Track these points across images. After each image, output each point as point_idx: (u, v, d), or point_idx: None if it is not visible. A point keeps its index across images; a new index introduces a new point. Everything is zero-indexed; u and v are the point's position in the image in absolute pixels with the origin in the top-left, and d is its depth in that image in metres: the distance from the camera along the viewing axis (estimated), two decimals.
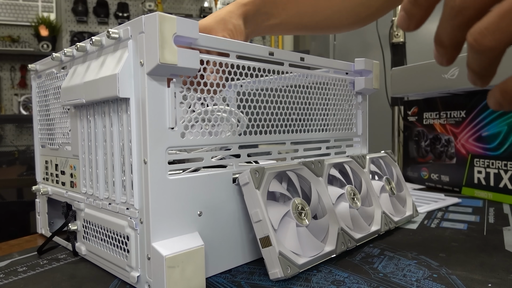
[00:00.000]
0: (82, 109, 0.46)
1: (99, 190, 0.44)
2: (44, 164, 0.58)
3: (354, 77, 0.60)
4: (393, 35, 1.24)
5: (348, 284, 0.40)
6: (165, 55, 0.35)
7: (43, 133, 0.58)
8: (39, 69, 0.58)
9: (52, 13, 2.90)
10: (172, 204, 0.38)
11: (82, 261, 0.48)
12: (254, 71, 0.45)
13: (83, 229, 0.48)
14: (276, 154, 0.49)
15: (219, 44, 0.41)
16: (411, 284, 0.39)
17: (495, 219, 0.64)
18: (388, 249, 0.50)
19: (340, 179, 0.53)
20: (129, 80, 0.37)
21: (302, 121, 0.51)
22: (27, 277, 0.43)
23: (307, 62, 0.52)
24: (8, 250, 0.53)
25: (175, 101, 0.38)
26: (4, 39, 2.78)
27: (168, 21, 0.35)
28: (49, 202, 0.57)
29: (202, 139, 0.41)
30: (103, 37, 0.41)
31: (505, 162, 0.76)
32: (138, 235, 0.38)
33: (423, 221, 0.64)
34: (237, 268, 0.44)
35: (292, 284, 0.40)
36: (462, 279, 0.40)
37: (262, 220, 0.41)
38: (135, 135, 0.37)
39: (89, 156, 0.46)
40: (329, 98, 0.56)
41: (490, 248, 0.50)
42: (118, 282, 0.41)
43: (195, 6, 3.15)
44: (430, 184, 0.94)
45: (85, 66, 0.44)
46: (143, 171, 0.37)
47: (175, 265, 0.36)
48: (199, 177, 0.40)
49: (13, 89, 2.84)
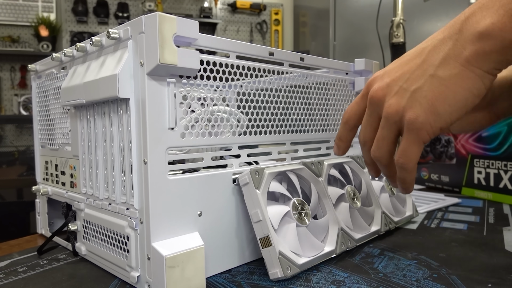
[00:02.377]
0: (82, 110, 0.46)
1: (99, 190, 0.44)
2: (44, 165, 0.58)
3: (354, 77, 0.60)
4: (393, 35, 1.24)
5: (348, 284, 0.40)
6: (165, 55, 0.35)
7: (43, 134, 0.58)
8: (39, 70, 0.58)
9: (52, 13, 2.90)
10: (172, 204, 0.38)
11: (82, 261, 0.48)
12: (254, 71, 0.45)
13: (83, 229, 0.48)
14: (276, 155, 0.49)
15: (219, 44, 0.41)
16: (411, 284, 0.39)
17: (495, 219, 0.64)
18: (388, 249, 0.50)
19: (340, 179, 0.53)
20: (129, 80, 0.37)
21: (302, 121, 0.51)
22: (27, 277, 0.43)
23: (307, 62, 0.52)
24: (8, 250, 0.53)
25: (175, 101, 0.38)
26: (4, 39, 2.78)
27: (168, 21, 0.35)
28: (49, 202, 0.57)
29: (202, 140, 0.41)
30: (103, 37, 0.41)
31: (505, 162, 0.76)
32: (138, 235, 0.38)
33: (423, 221, 0.64)
34: (237, 268, 0.44)
35: (292, 284, 0.40)
36: (462, 279, 0.40)
37: (262, 220, 0.41)
38: (135, 136, 0.37)
39: (89, 156, 0.46)
40: (329, 99, 0.56)
41: (490, 248, 0.50)
42: (118, 282, 0.41)
43: (195, 6, 3.15)
44: (430, 184, 0.94)
45: (85, 66, 0.44)
46: (143, 171, 0.37)
47: (175, 265, 0.36)
48: (199, 177, 0.40)
49: (13, 89, 2.84)
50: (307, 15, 2.99)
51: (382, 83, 0.34)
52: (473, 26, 0.29)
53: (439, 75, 0.30)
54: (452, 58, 0.29)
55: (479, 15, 0.28)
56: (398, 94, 0.32)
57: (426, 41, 0.34)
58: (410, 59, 0.33)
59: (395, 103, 0.32)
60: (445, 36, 0.31)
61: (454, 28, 0.30)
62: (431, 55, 0.31)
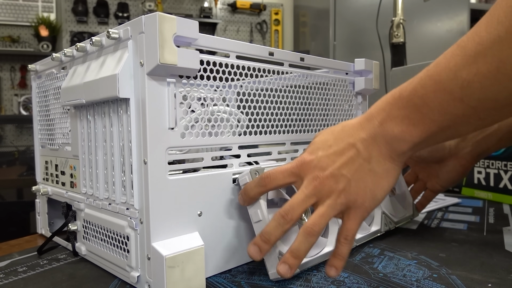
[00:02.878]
0: (82, 110, 0.46)
1: (99, 191, 0.44)
2: (44, 165, 0.58)
3: (354, 78, 0.60)
4: (393, 35, 1.24)
5: (348, 284, 0.40)
6: (165, 55, 0.35)
7: (43, 134, 0.58)
8: (39, 70, 0.58)
9: (52, 13, 2.89)
10: (172, 204, 0.38)
11: (82, 261, 0.48)
12: (254, 71, 0.45)
13: (83, 229, 0.48)
14: (276, 155, 0.49)
15: (219, 44, 0.41)
16: (411, 284, 0.39)
17: (495, 219, 0.64)
18: (388, 249, 0.50)
19: None
20: (129, 80, 0.37)
21: (302, 121, 0.51)
22: (27, 277, 0.43)
23: (307, 62, 0.52)
24: (8, 250, 0.53)
25: (175, 102, 0.38)
26: (4, 39, 2.78)
27: (168, 21, 0.35)
28: (49, 202, 0.57)
29: (202, 140, 0.41)
30: (103, 37, 0.41)
31: (505, 162, 0.76)
32: (138, 235, 0.38)
33: (423, 221, 0.64)
34: (237, 268, 0.44)
35: (292, 284, 0.40)
36: (462, 279, 0.40)
37: (262, 220, 0.41)
38: (135, 136, 0.37)
39: (89, 156, 0.46)
40: (329, 99, 0.56)
41: (490, 248, 0.50)
42: (118, 282, 0.41)
43: (195, 6, 3.15)
44: None
45: (85, 66, 0.44)
46: (143, 172, 0.37)
47: (175, 265, 0.36)
48: (199, 177, 0.40)
49: (13, 89, 2.84)
50: (307, 15, 2.99)
51: (326, 173, 0.38)
52: (389, 133, 0.37)
53: (375, 170, 0.38)
54: (381, 157, 0.37)
55: (391, 124, 0.37)
56: (345, 183, 0.38)
57: (348, 135, 0.39)
58: (337, 142, 0.39)
59: (344, 190, 0.38)
60: (368, 138, 0.38)
61: (373, 132, 0.38)
62: (364, 154, 0.38)
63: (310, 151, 0.40)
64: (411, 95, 0.35)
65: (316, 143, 0.41)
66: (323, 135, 0.41)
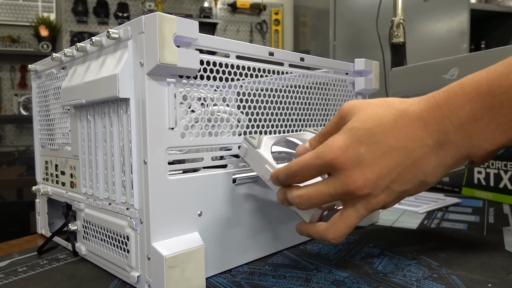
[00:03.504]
0: (82, 110, 0.46)
1: (99, 190, 0.44)
2: (44, 165, 0.58)
3: (354, 78, 0.60)
4: (393, 35, 1.24)
5: (348, 284, 0.40)
6: (165, 55, 0.35)
7: (43, 134, 0.58)
8: (39, 70, 0.58)
9: (52, 13, 2.89)
10: (172, 204, 0.38)
11: (82, 261, 0.48)
12: (254, 71, 0.45)
13: (83, 229, 0.48)
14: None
15: (219, 44, 0.41)
16: (411, 284, 0.39)
17: (495, 219, 0.64)
18: (388, 249, 0.50)
19: None
20: (129, 80, 0.37)
21: (302, 121, 0.51)
22: (27, 277, 0.43)
23: (307, 62, 0.52)
24: (8, 250, 0.53)
25: (175, 101, 0.38)
26: (4, 39, 2.78)
27: (168, 21, 0.35)
28: (49, 202, 0.57)
29: (202, 139, 0.41)
30: (103, 37, 0.41)
31: (505, 162, 0.76)
32: (138, 235, 0.38)
33: (423, 221, 0.64)
34: (237, 268, 0.44)
35: (292, 284, 0.40)
36: (462, 279, 0.40)
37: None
38: (135, 136, 0.37)
39: (89, 156, 0.46)
40: (329, 99, 0.56)
41: (490, 248, 0.50)
42: (118, 282, 0.41)
43: (195, 6, 3.15)
44: None
45: (85, 66, 0.44)
46: (143, 171, 0.37)
47: (175, 265, 0.36)
48: (199, 177, 0.40)
49: (13, 89, 2.84)
50: (307, 15, 2.99)
51: (366, 179, 0.31)
52: (468, 142, 0.30)
53: (427, 181, 0.33)
54: (442, 167, 0.32)
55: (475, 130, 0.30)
56: (385, 193, 0.33)
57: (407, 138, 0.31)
58: (392, 152, 0.31)
59: (382, 201, 0.33)
60: (434, 146, 0.31)
61: (444, 139, 0.31)
62: (424, 162, 0.32)
63: (349, 141, 0.31)
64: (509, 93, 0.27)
65: (357, 129, 0.31)
66: (366, 121, 0.31)
